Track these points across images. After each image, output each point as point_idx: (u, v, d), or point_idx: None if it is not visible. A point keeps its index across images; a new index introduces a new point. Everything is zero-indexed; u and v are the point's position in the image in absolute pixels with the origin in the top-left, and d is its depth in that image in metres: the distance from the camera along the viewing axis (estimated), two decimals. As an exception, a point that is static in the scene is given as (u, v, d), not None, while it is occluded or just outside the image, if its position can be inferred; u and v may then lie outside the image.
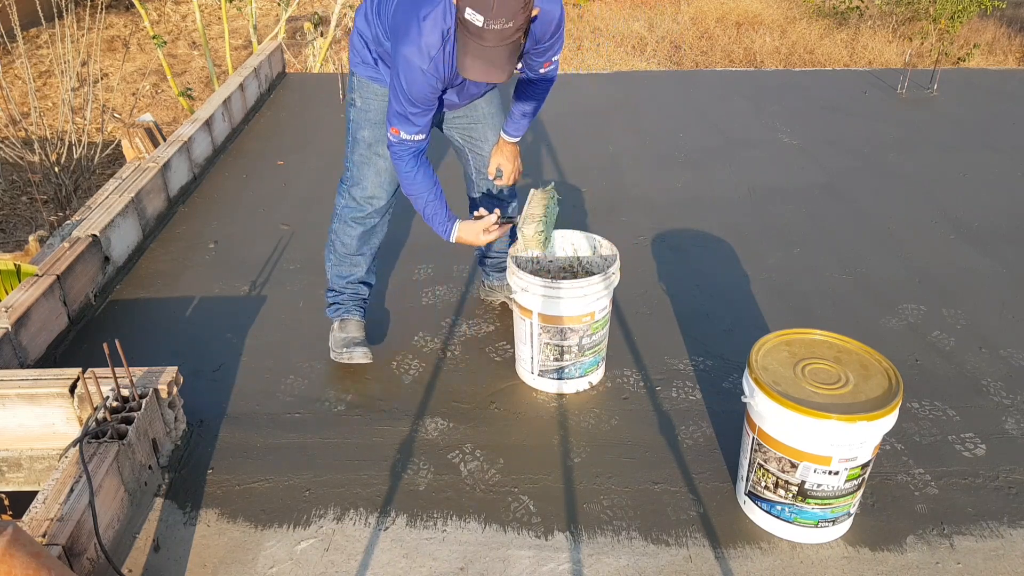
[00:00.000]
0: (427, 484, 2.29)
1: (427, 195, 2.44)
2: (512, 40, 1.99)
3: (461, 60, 2.04)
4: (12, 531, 1.49)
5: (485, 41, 1.97)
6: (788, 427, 1.93)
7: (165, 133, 4.37)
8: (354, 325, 2.79)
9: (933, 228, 3.74)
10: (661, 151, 4.66)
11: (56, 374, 2.31)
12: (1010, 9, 11.18)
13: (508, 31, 1.96)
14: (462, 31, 2.00)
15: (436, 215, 2.48)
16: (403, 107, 2.26)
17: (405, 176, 2.42)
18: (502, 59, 2.00)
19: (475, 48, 1.99)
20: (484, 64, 2.01)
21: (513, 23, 1.95)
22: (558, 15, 2.24)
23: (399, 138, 2.33)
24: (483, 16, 1.93)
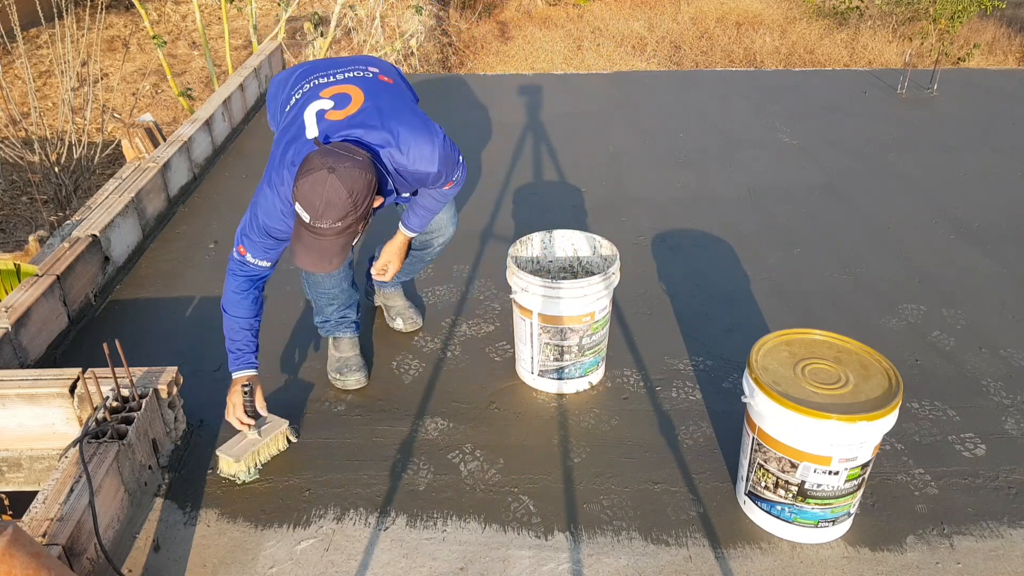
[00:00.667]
0: (427, 484, 2.29)
1: (243, 322, 2.32)
2: (343, 236, 2.01)
3: (293, 246, 2.06)
4: (12, 531, 1.49)
5: (315, 235, 1.99)
6: (788, 427, 1.93)
7: (165, 133, 4.37)
8: (347, 343, 2.72)
9: (933, 228, 3.74)
10: (661, 151, 4.66)
11: (56, 374, 2.31)
12: (1010, 9, 11.18)
13: (337, 228, 1.98)
14: (296, 220, 2.02)
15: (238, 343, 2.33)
16: (257, 235, 2.23)
17: (232, 295, 2.31)
18: (332, 252, 2.03)
19: (306, 238, 2.01)
20: (314, 256, 2.03)
21: (342, 223, 1.97)
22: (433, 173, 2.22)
23: (243, 259, 2.28)
24: (310, 216, 1.96)
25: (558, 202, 4.03)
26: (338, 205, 1.94)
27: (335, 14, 7.82)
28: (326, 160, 1.96)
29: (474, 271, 3.38)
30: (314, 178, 1.94)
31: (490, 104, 5.40)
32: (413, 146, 2.18)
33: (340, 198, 1.94)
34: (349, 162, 1.97)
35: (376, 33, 9.28)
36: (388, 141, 2.15)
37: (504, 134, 4.89)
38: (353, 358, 2.71)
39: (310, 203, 1.95)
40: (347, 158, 1.98)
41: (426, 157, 2.20)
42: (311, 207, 1.95)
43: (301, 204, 1.97)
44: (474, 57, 10.26)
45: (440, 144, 2.23)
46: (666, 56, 9.99)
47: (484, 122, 5.09)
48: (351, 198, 1.95)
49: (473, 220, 3.79)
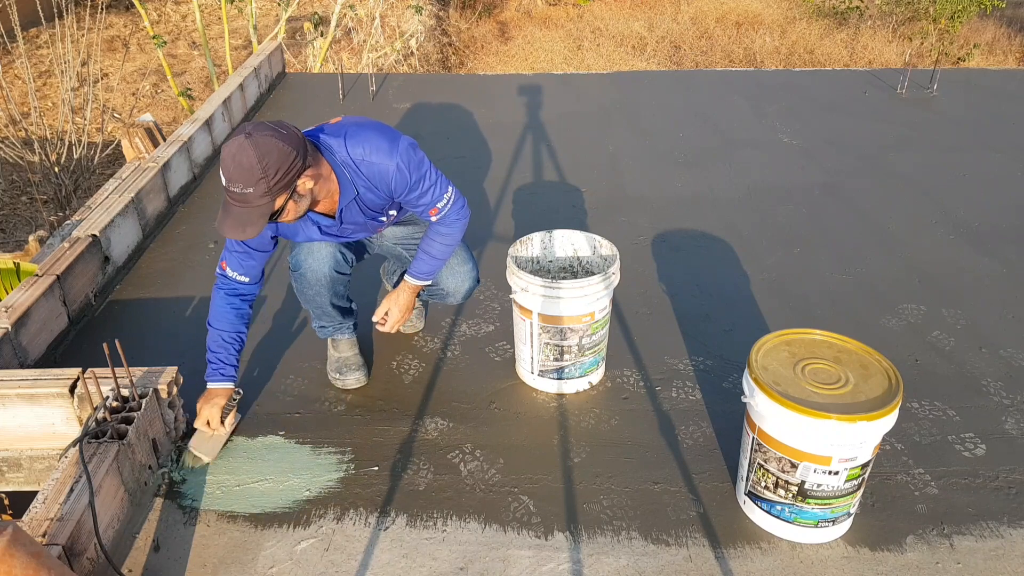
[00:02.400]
0: (427, 484, 2.29)
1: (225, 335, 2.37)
2: (257, 205, 2.04)
3: (220, 215, 2.11)
4: (12, 531, 1.49)
5: (232, 202, 2.06)
6: (788, 427, 1.93)
7: (165, 133, 4.37)
8: (345, 344, 2.71)
9: (933, 228, 3.74)
10: (661, 151, 4.66)
11: (56, 374, 2.31)
12: (1010, 9, 11.18)
13: (248, 195, 2.02)
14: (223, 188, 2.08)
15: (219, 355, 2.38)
16: (231, 244, 2.33)
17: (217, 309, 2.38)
18: (246, 220, 2.06)
19: (227, 205, 2.08)
20: (229, 221, 2.07)
21: (253, 189, 2.01)
22: (392, 169, 2.24)
23: (224, 273, 2.37)
24: (225, 178, 2.04)
25: (558, 202, 4.03)
26: (248, 170, 1.99)
27: (335, 14, 7.82)
28: (247, 127, 2.05)
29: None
30: (232, 142, 2.02)
31: (490, 104, 5.40)
32: (367, 138, 2.25)
33: (249, 163, 1.99)
34: (269, 131, 2.04)
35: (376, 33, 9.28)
36: (343, 135, 2.25)
37: (504, 134, 4.89)
38: (352, 357, 2.71)
39: (225, 166, 2.03)
40: (270, 129, 2.05)
41: (383, 150, 2.23)
42: (225, 170, 2.03)
43: (221, 166, 2.05)
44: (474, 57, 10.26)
45: (398, 141, 2.26)
46: (666, 56, 9.99)
47: (484, 122, 5.09)
48: (260, 164, 1.99)
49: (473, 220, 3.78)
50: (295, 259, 2.53)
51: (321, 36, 8.04)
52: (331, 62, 8.62)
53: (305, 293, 2.58)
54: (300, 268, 2.51)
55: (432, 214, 2.39)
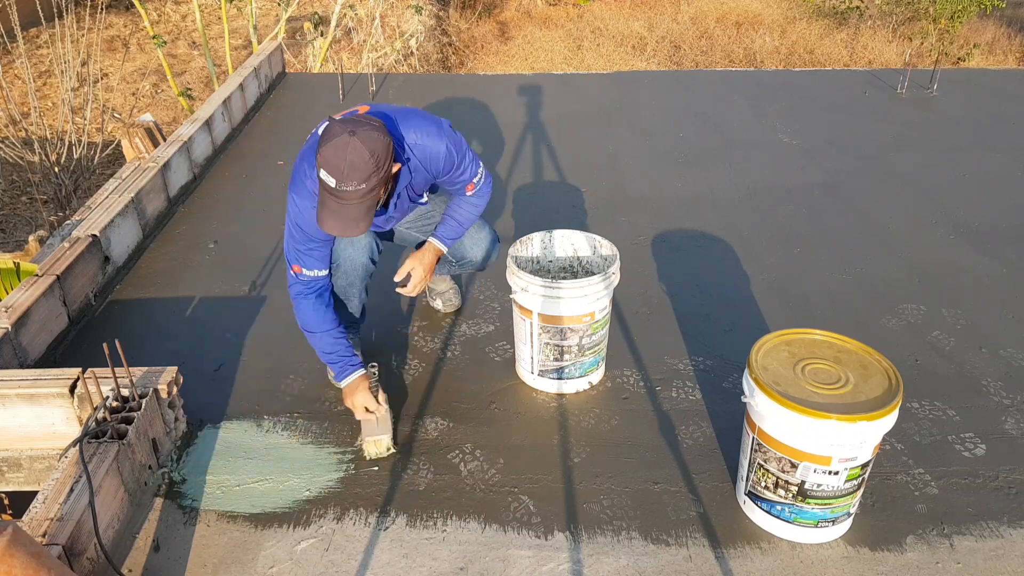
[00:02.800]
0: (427, 484, 2.29)
1: (333, 333, 2.39)
2: (367, 199, 2.08)
3: (319, 214, 2.12)
4: (12, 531, 1.49)
5: (340, 200, 2.06)
6: (788, 427, 1.93)
7: (165, 133, 4.37)
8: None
9: (933, 228, 3.74)
10: (661, 151, 4.66)
11: (56, 374, 2.31)
12: (1010, 9, 11.18)
13: (362, 191, 2.05)
14: (321, 188, 2.09)
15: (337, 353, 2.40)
16: (300, 244, 2.33)
17: (308, 315, 2.39)
18: (357, 215, 2.09)
19: (332, 205, 2.08)
20: (340, 221, 2.09)
21: (366, 185, 2.04)
22: (443, 151, 2.34)
23: (299, 276, 2.37)
24: (335, 179, 2.02)
25: (558, 202, 4.03)
26: (361, 167, 2.01)
27: (335, 14, 7.82)
28: (345, 126, 2.04)
29: (473, 271, 3.38)
30: (336, 143, 2.01)
31: (490, 104, 5.40)
32: (415, 123, 2.32)
33: (363, 159, 2.01)
34: (367, 127, 2.05)
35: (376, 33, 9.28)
36: (395, 120, 2.29)
37: (504, 134, 4.89)
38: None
39: (335, 167, 2.01)
40: (365, 123, 2.07)
41: (432, 133, 2.33)
42: (336, 171, 2.01)
43: (325, 169, 2.03)
44: (474, 57, 10.26)
45: (441, 123, 2.37)
46: (666, 56, 9.99)
47: (484, 122, 5.10)
48: (373, 159, 2.02)
49: (473, 220, 3.79)
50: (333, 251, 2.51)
51: (321, 36, 8.04)
52: (331, 62, 8.62)
53: (338, 284, 2.58)
54: (338, 259, 2.52)
55: (468, 189, 2.52)
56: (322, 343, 2.42)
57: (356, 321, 2.73)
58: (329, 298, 2.44)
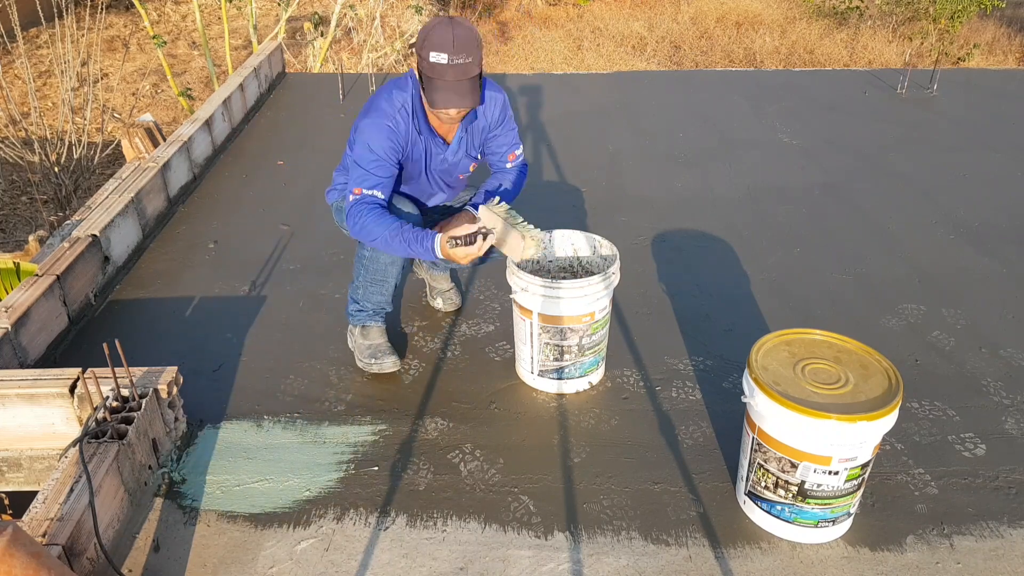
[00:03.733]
0: (427, 484, 2.29)
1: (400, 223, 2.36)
2: (474, 74, 2.32)
3: (432, 96, 2.32)
4: (12, 531, 1.49)
5: (451, 75, 2.28)
6: (788, 427, 1.93)
7: (165, 133, 4.37)
8: (377, 331, 2.75)
9: (933, 228, 3.74)
10: (661, 151, 4.66)
11: (56, 374, 2.31)
12: (1010, 9, 11.18)
13: (470, 65, 2.29)
14: (429, 74, 2.30)
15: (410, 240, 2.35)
16: (365, 163, 2.41)
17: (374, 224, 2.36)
18: (467, 88, 2.32)
19: (442, 84, 2.30)
20: (456, 95, 2.30)
21: (473, 58, 2.28)
22: (502, 99, 2.61)
23: (361, 197, 2.41)
24: (446, 54, 2.25)
25: (558, 202, 4.03)
26: (469, 41, 2.26)
27: (335, 14, 7.82)
28: (442, 18, 2.29)
29: (474, 271, 3.38)
30: (442, 26, 2.26)
31: (490, 104, 5.39)
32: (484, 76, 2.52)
33: (470, 36, 2.27)
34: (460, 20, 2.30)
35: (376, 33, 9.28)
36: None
37: (504, 134, 4.88)
38: (384, 344, 2.74)
39: (447, 42, 2.24)
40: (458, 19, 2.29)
41: (492, 84, 2.58)
42: (447, 46, 2.24)
43: (436, 50, 2.24)
44: (474, 57, 10.23)
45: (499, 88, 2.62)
46: (666, 56, 9.99)
47: (484, 122, 5.09)
48: (474, 35, 2.28)
49: (473, 220, 3.79)
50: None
51: (321, 36, 8.04)
52: (331, 62, 8.62)
53: (380, 261, 2.58)
54: None
55: (511, 158, 2.71)
56: (395, 233, 2.35)
57: (387, 306, 2.73)
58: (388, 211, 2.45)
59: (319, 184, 4.19)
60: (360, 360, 2.76)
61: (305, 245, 3.62)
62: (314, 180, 4.28)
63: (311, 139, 4.88)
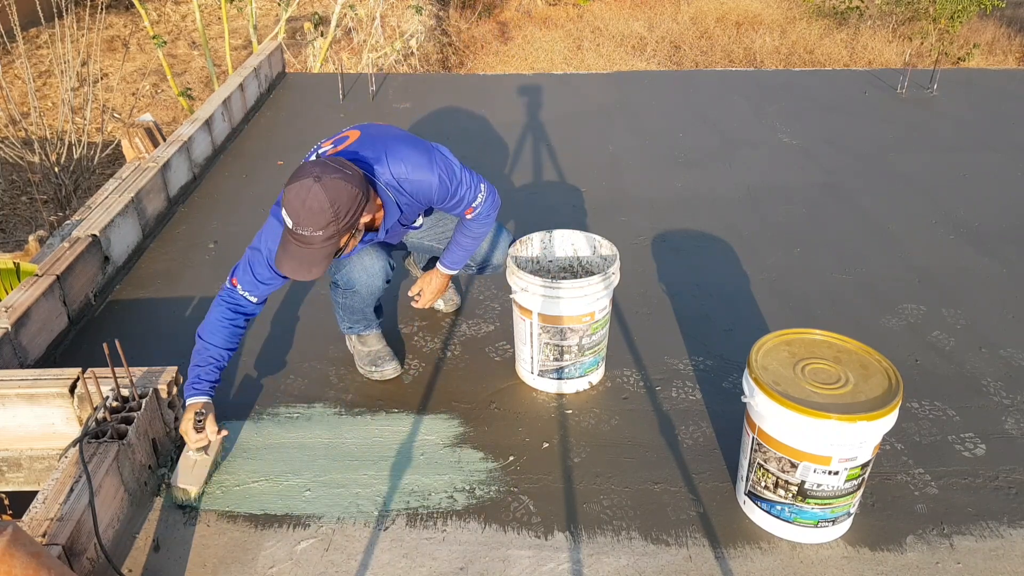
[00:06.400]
0: (427, 484, 2.29)
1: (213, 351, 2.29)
2: (324, 247, 2.06)
3: (278, 253, 2.11)
4: (12, 531, 1.49)
5: (296, 242, 2.05)
6: (788, 427, 1.93)
7: (165, 133, 4.37)
8: (374, 338, 2.75)
9: (933, 228, 3.74)
10: (661, 151, 4.66)
11: (56, 374, 2.31)
12: (1010, 9, 11.18)
13: (316, 239, 2.03)
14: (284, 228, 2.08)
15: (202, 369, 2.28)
16: (257, 266, 2.28)
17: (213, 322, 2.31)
18: (312, 260, 2.07)
19: (289, 246, 2.08)
20: (295, 263, 2.08)
21: (322, 232, 2.02)
22: (435, 183, 2.29)
23: (233, 289, 2.32)
24: (292, 221, 2.02)
25: (558, 202, 4.03)
26: (319, 214, 1.99)
27: (335, 14, 7.82)
28: (314, 169, 2.02)
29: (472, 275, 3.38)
30: (300, 185, 1.99)
31: (490, 104, 5.40)
32: (405, 155, 2.27)
33: (321, 207, 1.98)
34: (338, 174, 2.02)
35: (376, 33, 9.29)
36: (383, 155, 2.26)
37: (504, 134, 4.89)
38: (383, 349, 2.74)
39: (293, 209, 2.01)
40: (336, 170, 2.03)
41: (422, 166, 2.28)
42: (294, 213, 2.01)
43: (285, 210, 2.03)
44: (474, 57, 10.26)
45: (432, 152, 2.32)
46: (666, 56, 9.99)
47: (484, 122, 5.09)
48: (332, 208, 2.00)
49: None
50: (347, 277, 2.51)
51: (321, 36, 8.04)
52: (331, 62, 8.62)
53: (354, 307, 2.62)
54: (355, 286, 2.53)
55: (468, 213, 2.46)
56: (200, 353, 2.30)
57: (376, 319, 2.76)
58: (243, 324, 2.35)
59: (319, 184, 4.19)
60: (360, 367, 2.75)
61: (305, 245, 3.62)
62: (314, 180, 4.27)
63: (311, 139, 4.88)
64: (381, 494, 2.25)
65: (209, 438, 2.26)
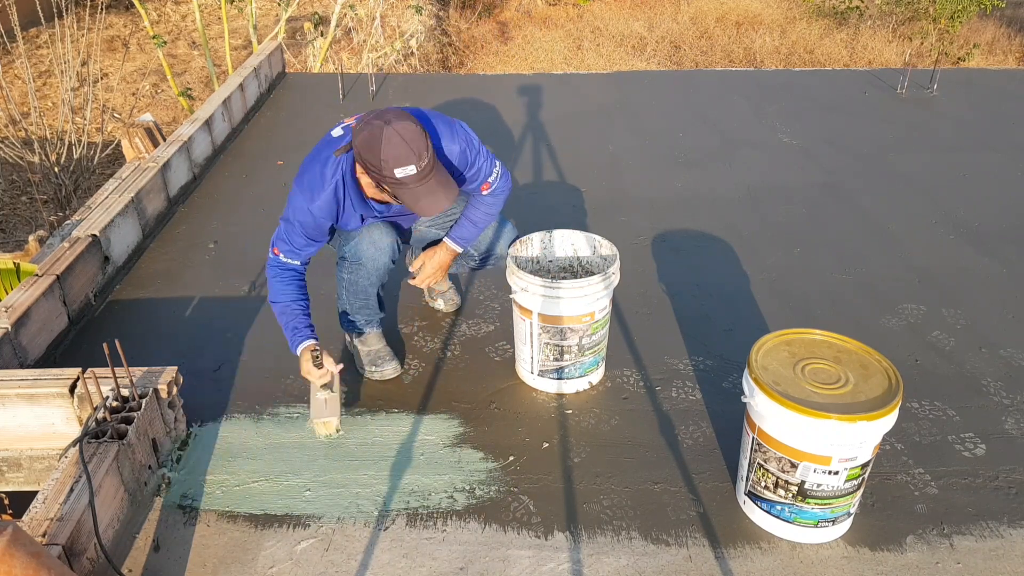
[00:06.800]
0: (427, 484, 2.29)
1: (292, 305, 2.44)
2: (436, 169, 2.19)
3: (416, 206, 2.20)
4: (12, 531, 1.49)
5: (422, 181, 2.16)
6: (788, 427, 1.93)
7: (165, 133, 4.37)
8: (374, 337, 2.75)
9: (933, 228, 3.74)
10: (661, 151, 4.65)
11: (56, 374, 2.31)
12: (1010, 9, 11.18)
13: (431, 159, 2.17)
14: (401, 189, 2.17)
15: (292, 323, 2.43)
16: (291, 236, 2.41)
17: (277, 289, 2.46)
18: (442, 181, 2.20)
19: (419, 191, 2.18)
20: (433, 199, 2.19)
21: (428, 152, 2.15)
22: (456, 151, 2.42)
23: (277, 258, 2.45)
24: (412, 165, 2.12)
25: (558, 202, 4.03)
26: (418, 137, 2.12)
27: (335, 14, 7.82)
28: (372, 121, 2.14)
29: (474, 271, 3.38)
30: (389, 136, 2.09)
31: (490, 104, 5.40)
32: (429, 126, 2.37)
33: (413, 133, 2.12)
34: (386, 112, 2.17)
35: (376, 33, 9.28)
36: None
37: (504, 134, 4.89)
38: (383, 349, 2.74)
39: (400, 153, 2.10)
40: (381, 112, 2.17)
41: (446, 135, 2.40)
42: (404, 156, 2.10)
43: (393, 164, 2.11)
44: (474, 57, 10.26)
45: (454, 124, 2.46)
46: (666, 56, 9.99)
47: (484, 122, 5.09)
48: (419, 128, 2.14)
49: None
50: (355, 250, 2.54)
51: (321, 36, 8.04)
52: (331, 62, 8.62)
53: (359, 284, 2.61)
54: (361, 259, 2.54)
55: (484, 189, 2.56)
56: (283, 313, 2.46)
57: (378, 314, 2.74)
58: (301, 282, 2.48)
59: (319, 184, 4.19)
60: (360, 367, 2.76)
61: (305, 245, 3.62)
62: (314, 180, 4.27)
63: (311, 139, 4.85)
64: (381, 494, 2.25)
65: (331, 371, 2.41)
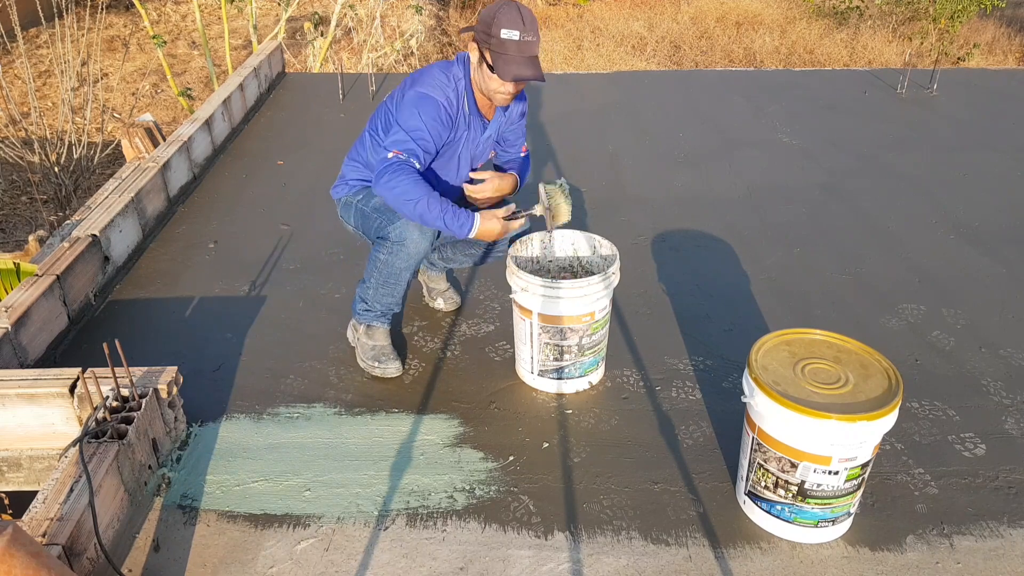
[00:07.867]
0: (427, 484, 2.29)
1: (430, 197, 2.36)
2: (538, 52, 2.44)
3: (504, 70, 2.38)
4: (12, 531, 1.49)
5: (522, 51, 2.38)
6: (788, 427, 1.93)
7: (165, 133, 4.37)
8: (382, 333, 2.74)
9: (933, 228, 3.74)
10: (661, 151, 4.66)
11: (56, 374, 2.31)
12: (1010, 9, 11.18)
13: (536, 43, 2.41)
14: (499, 50, 2.38)
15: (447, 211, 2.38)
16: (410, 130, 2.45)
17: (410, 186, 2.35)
18: (535, 63, 2.42)
19: (514, 59, 2.38)
20: (527, 68, 2.40)
21: (536, 37, 2.41)
22: (524, 105, 2.78)
23: (396, 157, 2.40)
24: (518, 31, 2.37)
25: (558, 202, 4.02)
26: (534, 20, 2.41)
27: (335, 14, 7.82)
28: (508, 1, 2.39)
29: (474, 271, 3.38)
30: (509, 7, 2.37)
31: (490, 104, 5.39)
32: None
33: (533, 17, 2.41)
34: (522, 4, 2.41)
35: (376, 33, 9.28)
36: None
37: (504, 134, 4.88)
38: (389, 346, 2.74)
39: (516, 21, 2.36)
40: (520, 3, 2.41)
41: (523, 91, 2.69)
42: (517, 23, 2.36)
43: (508, 27, 2.35)
44: (474, 57, 10.23)
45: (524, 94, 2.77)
46: (666, 56, 9.99)
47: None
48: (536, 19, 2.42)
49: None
50: (401, 231, 2.51)
51: (321, 36, 8.04)
52: (331, 62, 8.62)
53: (395, 265, 2.57)
54: (405, 240, 2.52)
55: (523, 151, 2.83)
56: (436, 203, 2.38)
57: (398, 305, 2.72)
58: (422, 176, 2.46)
59: (319, 184, 4.19)
60: (362, 360, 2.76)
61: (305, 245, 3.62)
62: (314, 180, 4.28)
63: (311, 139, 4.88)
64: (381, 494, 2.25)
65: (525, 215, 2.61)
